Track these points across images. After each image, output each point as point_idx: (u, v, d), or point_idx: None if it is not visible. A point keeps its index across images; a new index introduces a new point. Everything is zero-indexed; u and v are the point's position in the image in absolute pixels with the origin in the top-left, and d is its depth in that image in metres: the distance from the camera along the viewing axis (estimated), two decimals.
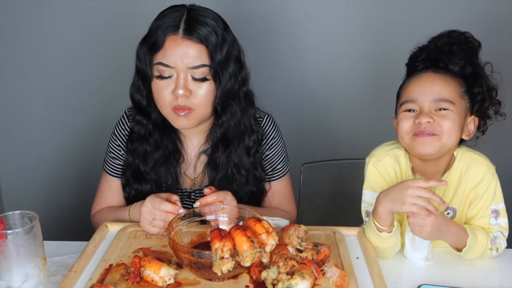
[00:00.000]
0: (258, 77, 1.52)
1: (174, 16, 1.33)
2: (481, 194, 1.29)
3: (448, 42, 1.30)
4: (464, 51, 1.29)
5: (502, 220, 1.30)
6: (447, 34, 1.31)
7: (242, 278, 1.11)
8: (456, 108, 1.25)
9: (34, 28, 2.13)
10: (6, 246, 1.05)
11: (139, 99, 1.41)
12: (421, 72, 1.30)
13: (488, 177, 1.29)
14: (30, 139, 2.28)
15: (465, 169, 1.30)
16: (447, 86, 1.26)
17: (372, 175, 1.35)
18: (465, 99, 1.28)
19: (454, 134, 1.25)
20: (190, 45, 1.31)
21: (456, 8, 2.02)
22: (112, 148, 1.51)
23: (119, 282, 1.09)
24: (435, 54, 1.30)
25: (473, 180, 1.30)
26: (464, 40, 1.30)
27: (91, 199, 1.56)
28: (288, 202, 1.57)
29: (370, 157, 1.37)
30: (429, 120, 1.23)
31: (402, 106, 1.29)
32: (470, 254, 1.23)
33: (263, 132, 1.50)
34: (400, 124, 1.29)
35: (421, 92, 1.26)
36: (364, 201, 1.37)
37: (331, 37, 2.13)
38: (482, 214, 1.30)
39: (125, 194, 1.50)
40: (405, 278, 1.19)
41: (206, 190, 1.30)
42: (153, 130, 1.44)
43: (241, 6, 2.08)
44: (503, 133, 2.16)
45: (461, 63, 1.28)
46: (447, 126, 1.23)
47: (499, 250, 1.28)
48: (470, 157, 1.31)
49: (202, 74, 1.32)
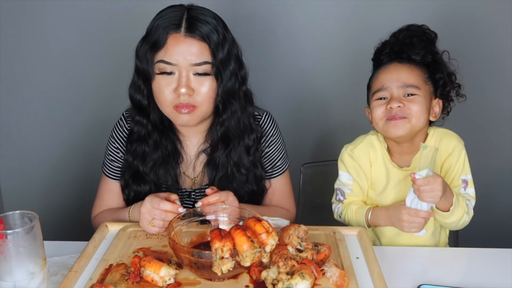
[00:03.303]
0: (258, 77, 1.52)
1: (174, 15, 1.34)
2: (453, 164, 1.41)
3: (408, 35, 1.42)
4: (423, 42, 1.41)
5: (470, 190, 1.42)
6: (406, 28, 1.44)
7: (242, 278, 1.11)
8: (422, 93, 1.37)
9: (34, 28, 2.13)
10: (6, 246, 1.05)
11: (139, 99, 1.41)
12: (387, 64, 1.43)
13: (459, 147, 1.42)
14: (30, 139, 2.28)
15: (438, 142, 1.42)
16: (411, 73, 1.38)
17: (348, 161, 1.48)
18: (429, 84, 1.41)
19: (422, 116, 1.36)
20: (192, 42, 1.31)
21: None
22: (110, 151, 1.50)
23: (119, 282, 1.09)
24: (398, 47, 1.43)
25: (445, 150, 1.42)
26: (422, 32, 1.43)
27: (91, 199, 1.56)
28: (288, 199, 1.57)
29: (347, 146, 1.50)
30: (399, 104, 1.35)
31: (374, 95, 1.42)
32: (455, 214, 1.31)
33: (262, 130, 1.50)
34: (374, 111, 1.41)
35: (389, 80, 1.39)
36: (339, 180, 1.50)
37: (331, 37, 2.13)
38: (454, 184, 1.41)
39: (124, 196, 1.50)
40: (405, 278, 1.19)
41: (208, 190, 1.30)
42: (152, 131, 1.44)
43: (241, 6, 2.08)
44: (503, 133, 2.17)
45: (421, 53, 1.40)
46: (415, 109, 1.35)
47: (470, 217, 1.37)
48: (441, 132, 1.45)
49: (204, 71, 1.33)
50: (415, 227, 1.29)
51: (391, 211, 1.34)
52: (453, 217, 1.32)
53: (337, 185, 1.51)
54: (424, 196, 1.24)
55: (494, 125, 2.17)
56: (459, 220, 1.34)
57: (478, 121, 2.14)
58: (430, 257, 1.31)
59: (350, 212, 1.44)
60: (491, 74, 2.11)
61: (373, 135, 1.48)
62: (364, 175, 1.45)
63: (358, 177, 1.46)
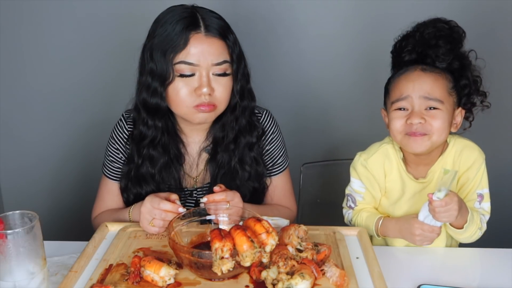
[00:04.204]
0: (258, 77, 1.52)
1: (188, 15, 1.33)
2: (471, 178, 1.35)
3: (434, 34, 1.31)
4: (450, 44, 1.31)
5: (485, 205, 1.36)
6: (432, 23, 1.33)
7: (242, 278, 1.11)
8: (445, 107, 1.28)
9: (34, 29, 2.13)
10: (6, 246, 1.05)
11: (156, 102, 1.36)
12: (409, 70, 1.32)
13: (479, 162, 1.35)
14: (30, 139, 2.28)
15: (458, 153, 1.36)
16: (436, 84, 1.28)
17: (361, 170, 1.42)
18: (453, 95, 1.31)
19: (444, 132, 1.29)
20: (213, 42, 1.32)
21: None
22: (110, 152, 1.50)
23: (119, 282, 1.09)
24: (421, 48, 1.32)
25: (465, 163, 1.35)
26: (449, 30, 1.32)
27: (91, 199, 1.56)
28: (288, 197, 1.58)
29: (361, 154, 1.43)
30: (421, 121, 1.27)
31: (393, 104, 1.32)
32: (468, 231, 1.28)
33: (263, 127, 1.51)
34: (392, 123, 1.32)
35: (411, 90, 1.29)
36: (351, 186, 1.44)
37: (331, 37, 2.12)
38: (469, 198, 1.36)
39: (123, 198, 1.49)
40: (405, 278, 1.19)
41: (216, 188, 1.30)
42: (162, 133, 1.42)
43: (241, 6, 2.08)
44: (503, 131, 2.17)
45: (448, 59, 1.30)
46: (437, 125, 1.27)
47: (482, 231, 1.33)
48: (463, 143, 1.37)
49: (224, 70, 1.34)
50: (427, 241, 1.26)
51: (402, 224, 1.30)
52: (466, 233, 1.28)
53: (348, 191, 1.46)
54: (439, 217, 1.20)
55: (494, 124, 2.15)
56: (471, 236, 1.31)
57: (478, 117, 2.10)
58: (430, 257, 1.31)
59: (360, 219, 1.41)
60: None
61: (388, 144, 1.41)
62: (377, 185, 1.41)
63: (371, 186, 1.41)
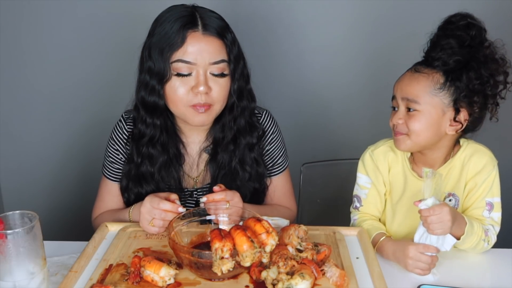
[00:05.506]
0: (258, 77, 1.52)
1: (187, 14, 1.33)
2: (479, 184, 1.31)
3: (437, 35, 1.26)
4: (451, 44, 1.24)
5: (495, 215, 1.32)
6: (446, 22, 1.26)
7: (242, 278, 1.11)
8: (426, 108, 1.26)
9: (34, 29, 2.13)
10: (6, 246, 1.05)
11: (154, 100, 1.36)
12: (408, 70, 1.32)
13: (489, 168, 1.32)
14: (30, 139, 2.28)
15: (467, 158, 1.33)
16: (415, 85, 1.27)
17: (368, 162, 1.43)
18: (441, 95, 1.25)
19: (422, 134, 1.28)
20: (211, 40, 1.32)
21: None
22: (110, 153, 1.50)
23: (119, 282, 1.09)
24: (428, 50, 1.28)
25: (474, 168, 1.32)
26: (452, 30, 1.25)
27: (91, 199, 1.56)
28: (289, 197, 1.58)
29: (369, 147, 1.45)
30: (399, 121, 1.30)
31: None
32: (466, 242, 1.25)
33: (263, 127, 1.51)
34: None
35: (396, 91, 1.33)
36: (357, 183, 1.44)
37: (331, 37, 2.13)
38: (477, 205, 1.32)
39: (124, 198, 1.49)
40: (405, 278, 1.19)
41: (216, 188, 1.30)
42: (161, 132, 1.42)
43: (241, 6, 2.08)
44: (503, 131, 2.16)
45: (445, 59, 1.24)
46: (413, 127, 1.28)
47: (490, 244, 1.29)
48: (474, 147, 1.35)
49: (221, 70, 1.34)
50: (420, 267, 1.19)
51: (397, 246, 1.25)
52: (465, 245, 1.25)
53: (356, 190, 1.46)
54: (433, 228, 1.16)
55: (494, 124, 2.15)
56: (473, 247, 1.27)
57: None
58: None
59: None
60: None
61: None
62: (381, 177, 1.40)
63: (376, 179, 1.41)
